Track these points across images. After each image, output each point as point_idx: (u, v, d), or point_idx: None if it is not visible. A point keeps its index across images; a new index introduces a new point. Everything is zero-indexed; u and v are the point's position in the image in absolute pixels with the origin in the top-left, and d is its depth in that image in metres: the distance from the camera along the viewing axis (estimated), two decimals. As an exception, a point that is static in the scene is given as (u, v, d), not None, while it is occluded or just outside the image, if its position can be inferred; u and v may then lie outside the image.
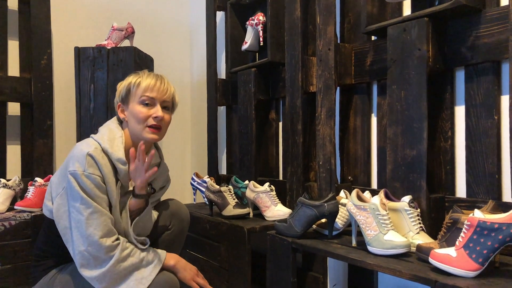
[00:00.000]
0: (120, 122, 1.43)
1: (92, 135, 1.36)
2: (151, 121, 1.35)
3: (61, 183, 1.29)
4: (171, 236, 1.56)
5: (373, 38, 1.73)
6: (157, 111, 1.36)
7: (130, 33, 2.49)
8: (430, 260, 1.11)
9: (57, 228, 1.30)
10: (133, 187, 1.36)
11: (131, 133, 1.39)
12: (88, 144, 1.29)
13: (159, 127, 1.37)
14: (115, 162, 1.30)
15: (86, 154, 1.25)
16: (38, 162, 2.33)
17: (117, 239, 1.27)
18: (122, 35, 2.46)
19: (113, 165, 1.30)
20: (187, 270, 1.37)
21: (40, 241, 1.39)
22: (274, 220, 1.79)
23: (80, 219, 1.23)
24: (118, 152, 1.31)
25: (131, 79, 1.39)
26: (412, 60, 1.45)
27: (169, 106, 1.43)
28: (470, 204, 1.39)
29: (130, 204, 1.35)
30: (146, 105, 1.36)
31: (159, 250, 1.35)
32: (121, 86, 1.41)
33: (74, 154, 1.28)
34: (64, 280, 1.32)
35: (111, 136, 1.34)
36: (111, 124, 1.40)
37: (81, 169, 1.24)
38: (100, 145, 1.30)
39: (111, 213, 1.30)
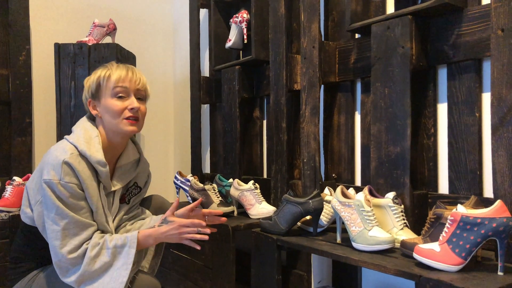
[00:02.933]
0: (93, 119, 1.37)
1: (66, 137, 1.29)
2: (127, 113, 1.30)
3: (40, 190, 1.24)
4: None
5: (357, 36, 1.74)
6: (133, 102, 1.31)
7: (112, 30, 2.45)
8: (414, 255, 1.12)
9: (35, 231, 1.27)
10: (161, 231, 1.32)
11: (107, 129, 1.32)
12: (64, 150, 1.22)
13: (137, 118, 1.33)
14: (95, 165, 1.25)
15: (62, 162, 1.19)
16: (16, 161, 2.28)
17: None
18: (103, 31, 2.42)
19: (93, 168, 1.26)
20: (169, 237, 1.28)
21: (18, 244, 1.35)
22: (259, 218, 1.78)
23: (54, 229, 1.19)
24: (97, 154, 1.25)
25: (99, 72, 1.32)
26: (395, 58, 1.46)
27: (143, 96, 1.37)
28: (452, 200, 1.40)
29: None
30: (120, 97, 1.30)
31: (130, 233, 1.27)
32: (90, 81, 1.33)
33: (49, 161, 1.22)
34: (41, 282, 1.29)
35: (87, 137, 1.27)
36: (85, 123, 1.33)
37: (57, 178, 1.19)
38: (77, 148, 1.24)
39: (94, 218, 1.26)
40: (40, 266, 1.33)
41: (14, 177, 2.00)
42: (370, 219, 1.28)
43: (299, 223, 1.59)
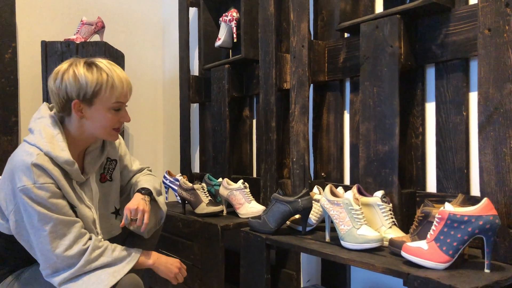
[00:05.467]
0: (52, 112, 1.27)
1: (26, 139, 1.22)
2: (117, 125, 1.28)
3: (12, 199, 1.18)
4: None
5: (346, 35, 1.75)
6: (125, 115, 1.29)
7: (100, 28, 2.42)
8: (403, 253, 1.12)
9: (11, 234, 1.23)
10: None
11: (84, 131, 1.26)
12: (28, 153, 1.16)
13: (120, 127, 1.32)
14: (63, 165, 1.20)
15: (30, 164, 1.14)
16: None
17: (90, 238, 1.22)
18: (91, 29, 2.40)
19: (61, 167, 1.21)
20: (169, 268, 1.31)
21: None
22: (248, 217, 1.78)
23: (41, 234, 1.16)
24: (63, 154, 1.19)
25: (97, 76, 1.21)
26: (384, 57, 1.47)
27: None
28: (440, 198, 1.41)
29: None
30: (115, 110, 1.26)
31: (134, 249, 1.29)
32: (83, 81, 1.20)
33: (16, 166, 1.16)
34: (23, 283, 1.27)
35: (48, 136, 1.20)
36: (44, 120, 1.24)
37: (30, 182, 1.14)
38: (41, 150, 1.17)
39: (76, 214, 1.24)
40: (21, 268, 1.31)
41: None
42: (359, 218, 1.28)
43: (288, 222, 1.58)
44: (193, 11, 2.73)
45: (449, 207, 1.08)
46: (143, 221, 1.28)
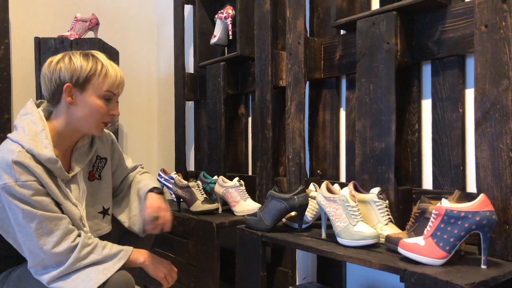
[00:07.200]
0: (38, 109, 1.25)
1: (9, 136, 1.19)
2: (106, 118, 1.26)
3: None
4: None
5: (342, 32, 1.74)
6: (115, 108, 1.28)
7: (94, 25, 2.40)
8: (399, 249, 1.12)
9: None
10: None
11: (71, 121, 1.23)
12: (10, 150, 1.14)
13: (108, 122, 1.30)
14: (46, 163, 1.17)
15: (11, 162, 1.11)
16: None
17: (79, 235, 1.21)
18: (86, 26, 2.38)
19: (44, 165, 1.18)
20: (159, 267, 1.30)
21: None
22: (244, 215, 1.77)
23: (28, 232, 1.14)
24: (45, 151, 1.16)
25: (92, 64, 1.22)
26: (380, 54, 1.46)
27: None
28: (436, 195, 1.41)
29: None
30: (106, 100, 1.25)
31: (125, 246, 1.27)
32: (78, 66, 1.21)
33: None
34: (13, 282, 1.25)
35: (31, 133, 1.17)
36: (29, 117, 1.21)
37: (12, 180, 1.12)
38: (23, 147, 1.15)
39: (62, 211, 1.21)
40: (10, 267, 1.29)
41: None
42: (355, 214, 1.27)
43: (284, 220, 1.58)
44: (188, 8, 2.72)
45: (446, 203, 1.08)
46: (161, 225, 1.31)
